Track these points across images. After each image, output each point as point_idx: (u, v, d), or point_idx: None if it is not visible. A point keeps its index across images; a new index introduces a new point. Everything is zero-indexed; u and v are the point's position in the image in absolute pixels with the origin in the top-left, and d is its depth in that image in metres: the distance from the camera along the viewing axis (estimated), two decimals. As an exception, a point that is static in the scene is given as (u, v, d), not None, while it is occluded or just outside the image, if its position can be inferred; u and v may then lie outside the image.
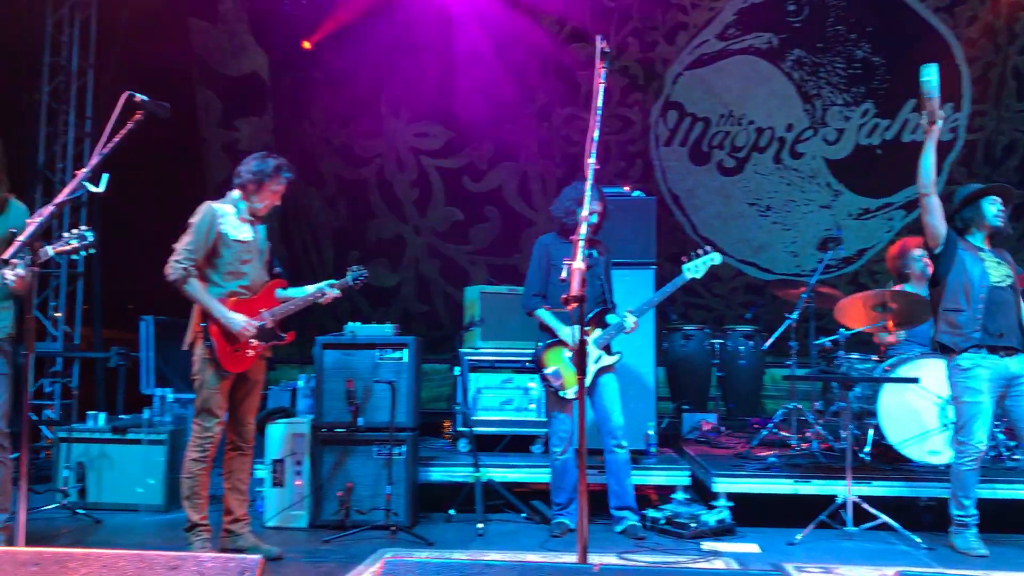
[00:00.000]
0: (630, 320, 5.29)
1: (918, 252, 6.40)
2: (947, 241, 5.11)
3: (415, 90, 10.38)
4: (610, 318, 5.38)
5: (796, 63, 9.86)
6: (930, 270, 5.32)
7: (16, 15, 8.82)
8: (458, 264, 10.61)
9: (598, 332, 5.33)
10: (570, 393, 5.27)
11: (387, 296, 10.67)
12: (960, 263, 5.09)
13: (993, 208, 5.15)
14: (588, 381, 5.26)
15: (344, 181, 10.72)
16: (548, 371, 5.34)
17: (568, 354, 5.32)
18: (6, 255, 3.49)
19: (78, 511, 5.82)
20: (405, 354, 5.68)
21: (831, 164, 9.96)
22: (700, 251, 5.39)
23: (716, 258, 5.39)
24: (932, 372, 5.67)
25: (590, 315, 5.27)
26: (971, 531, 5.00)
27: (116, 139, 3.43)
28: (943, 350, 5.18)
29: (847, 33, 9.76)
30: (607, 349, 5.38)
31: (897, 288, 6.29)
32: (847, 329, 6.30)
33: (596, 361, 5.31)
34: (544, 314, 5.40)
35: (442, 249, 10.66)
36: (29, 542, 3.11)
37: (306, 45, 10.01)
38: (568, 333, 5.29)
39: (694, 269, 5.35)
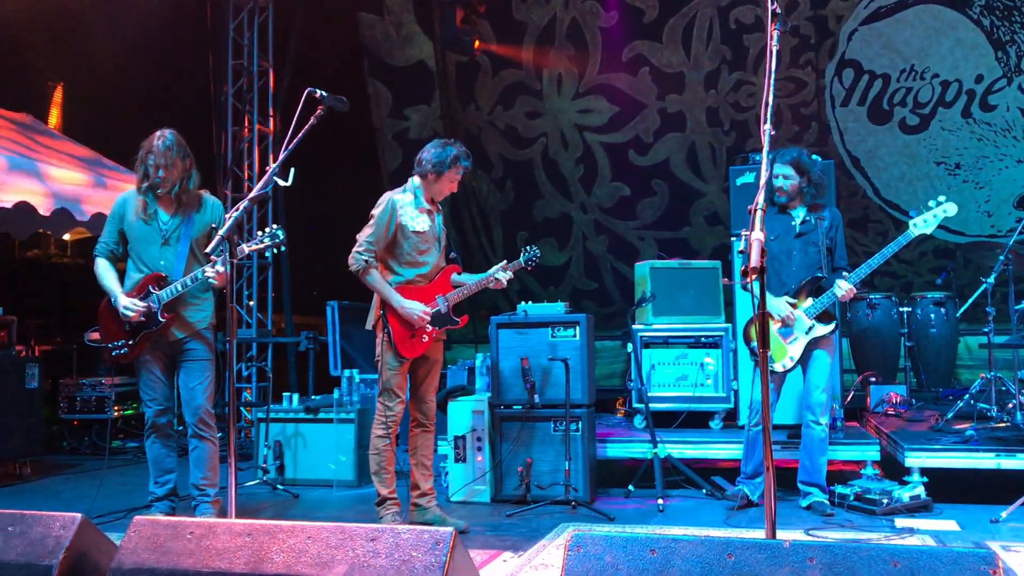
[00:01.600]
0: (843, 287, 5.01)
1: None
2: None
3: (577, 66, 10.36)
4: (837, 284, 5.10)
5: (986, 8, 9.13)
6: None
7: (203, 23, 9.44)
8: (626, 240, 10.54)
9: (809, 301, 5.15)
10: (778, 366, 5.11)
11: (556, 275, 10.75)
12: None
13: None
14: (800, 352, 5.12)
15: (510, 162, 10.85)
16: (753, 343, 5.23)
17: (776, 326, 5.16)
18: (208, 249, 3.74)
19: (278, 486, 6.22)
20: (577, 331, 5.71)
21: (1029, 115, 9.21)
22: (930, 203, 4.94)
23: (951, 208, 4.91)
24: None
25: (802, 283, 5.12)
26: None
27: (300, 134, 3.59)
28: None
29: (1046, -31, 8.97)
30: (824, 318, 5.15)
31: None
32: (1053, 292, 5.85)
33: (808, 332, 5.12)
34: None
35: (609, 225, 10.62)
36: (237, 515, 3.33)
37: (477, 44, 10.14)
38: (774, 304, 5.14)
39: (923, 224, 4.93)
